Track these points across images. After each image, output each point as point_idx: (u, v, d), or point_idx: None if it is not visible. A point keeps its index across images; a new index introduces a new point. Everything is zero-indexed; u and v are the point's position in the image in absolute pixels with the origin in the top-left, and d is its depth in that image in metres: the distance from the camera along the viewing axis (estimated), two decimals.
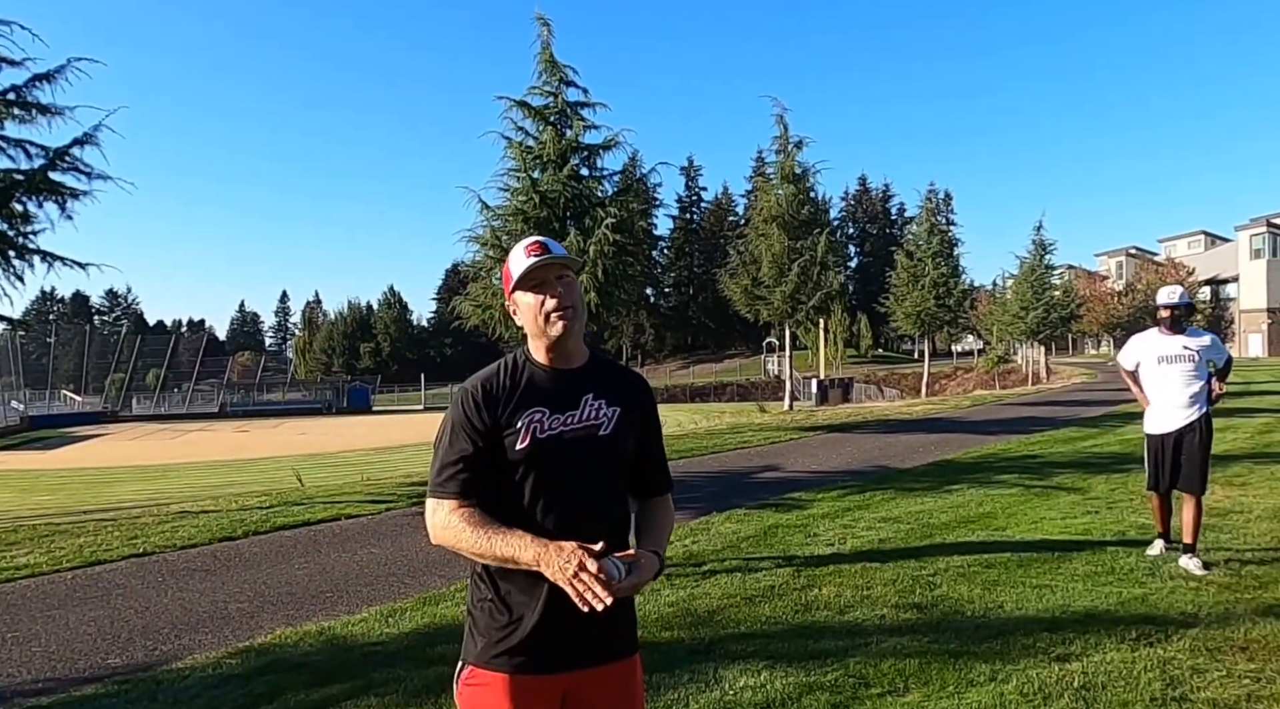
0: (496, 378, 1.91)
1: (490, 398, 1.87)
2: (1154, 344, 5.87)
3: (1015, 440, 14.22)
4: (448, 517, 1.82)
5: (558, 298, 1.87)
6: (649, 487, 2.06)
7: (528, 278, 1.88)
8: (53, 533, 8.58)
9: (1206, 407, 5.71)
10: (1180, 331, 5.79)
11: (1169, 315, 5.76)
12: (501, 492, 1.85)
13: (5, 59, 9.35)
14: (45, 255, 9.74)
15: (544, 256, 1.87)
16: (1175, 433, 5.72)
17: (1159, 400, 5.82)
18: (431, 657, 4.43)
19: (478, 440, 1.84)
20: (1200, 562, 5.53)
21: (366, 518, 9.01)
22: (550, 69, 13.91)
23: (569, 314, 1.88)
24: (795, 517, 8.03)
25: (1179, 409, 5.71)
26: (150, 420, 49.19)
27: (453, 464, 1.85)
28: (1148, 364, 5.89)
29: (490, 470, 1.85)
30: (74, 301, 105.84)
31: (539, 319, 1.88)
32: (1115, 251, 71.71)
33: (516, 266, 1.89)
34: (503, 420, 1.84)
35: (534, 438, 1.83)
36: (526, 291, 1.90)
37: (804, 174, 24.61)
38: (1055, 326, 39.32)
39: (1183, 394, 5.69)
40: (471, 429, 1.85)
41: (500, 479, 1.84)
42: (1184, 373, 5.70)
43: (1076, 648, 4.16)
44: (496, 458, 1.84)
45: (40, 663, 4.76)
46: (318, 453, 25.70)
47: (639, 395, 2.01)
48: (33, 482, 21.14)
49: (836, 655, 4.16)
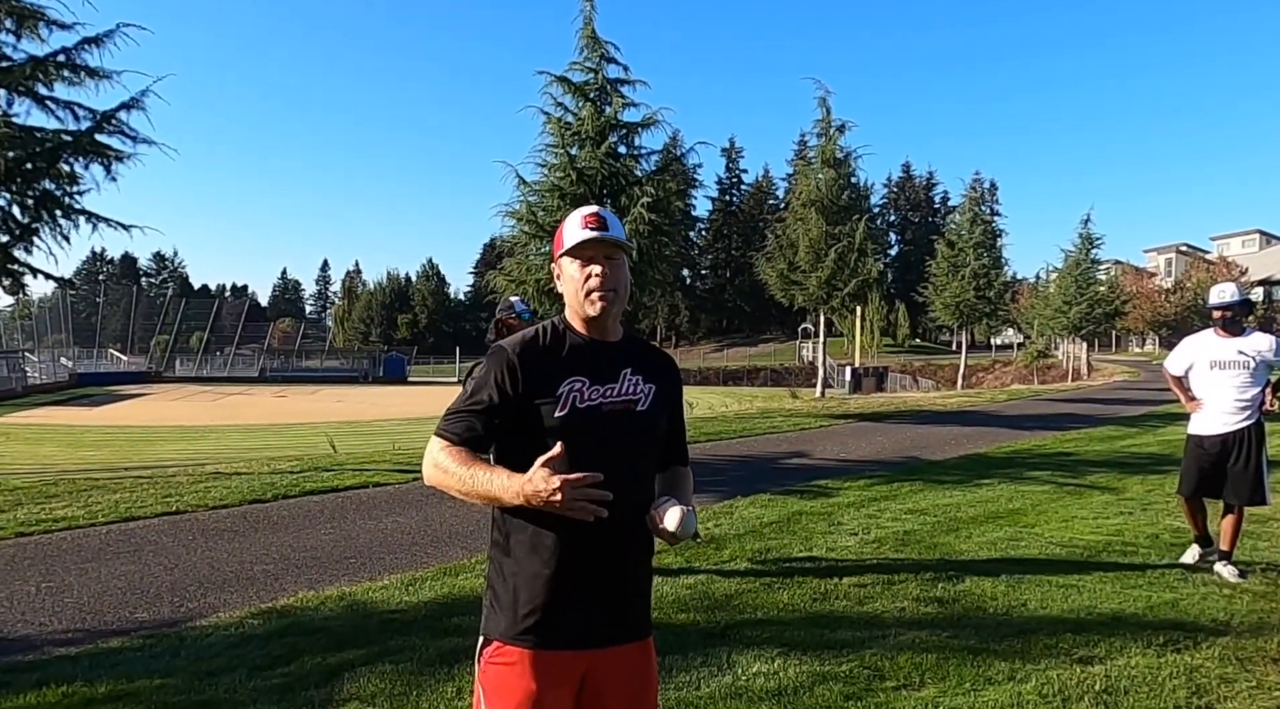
0: (536, 342, 1.87)
1: (529, 361, 1.83)
2: (1207, 347, 5.51)
3: (1050, 437, 13.97)
4: (434, 455, 1.80)
5: (602, 278, 1.85)
6: (670, 460, 2.09)
7: (577, 249, 1.86)
8: (91, 488, 8.81)
9: (1258, 414, 5.36)
10: (1237, 333, 5.41)
11: (1222, 316, 5.39)
12: (534, 456, 1.78)
13: (56, 22, 9.52)
14: (90, 216, 9.95)
15: (599, 233, 1.84)
16: (1220, 437, 5.41)
17: (1209, 404, 5.49)
18: (449, 627, 4.47)
19: (499, 399, 1.81)
20: (1236, 569, 5.35)
21: (394, 487, 9.11)
22: (591, 45, 13.82)
23: (610, 297, 1.85)
24: (820, 504, 7.97)
25: (1227, 414, 5.39)
26: (192, 382, 50.33)
27: (466, 410, 1.83)
28: (1199, 368, 5.54)
29: (523, 437, 1.81)
30: (123, 263, 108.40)
31: (580, 292, 1.86)
32: (1165, 248, 69.91)
33: (570, 235, 1.87)
34: (540, 386, 1.81)
35: (573, 407, 1.81)
36: (574, 260, 1.88)
37: (845, 159, 24.22)
38: (1099, 323, 38.47)
39: (1234, 401, 5.35)
40: (499, 387, 1.81)
41: (533, 446, 1.78)
42: (1237, 379, 5.35)
43: (1100, 650, 4.06)
44: (530, 424, 1.81)
45: (71, 614, 4.89)
46: (352, 420, 26.09)
47: (671, 376, 2.02)
48: (79, 437, 21.73)
49: (853, 646, 4.11)
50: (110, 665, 4.00)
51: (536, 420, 1.81)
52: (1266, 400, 5.36)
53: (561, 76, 13.86)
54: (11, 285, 10.20)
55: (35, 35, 9.48)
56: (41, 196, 9.60)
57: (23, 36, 9.48)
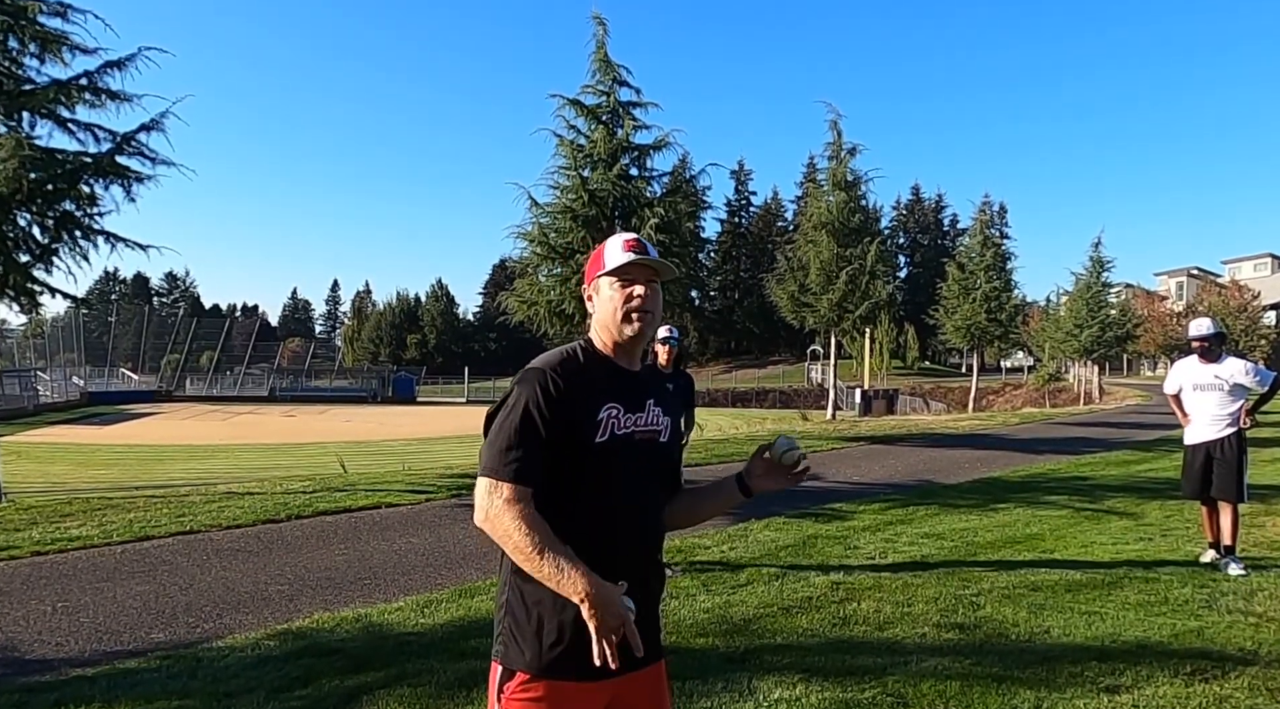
0: (573, 361, 1.85)
1: (569, 382, 1.80)
2: (1190, 372, 6.45)
3: (1065, 461, 13.85)
4: (503, 505, 1.71)
5: (643, 299, 1.85)
6: (677, 487, 2.10)
7: (619, 271, 1.86)
8: (105, 507, 8.82)
9: (1238, 427, 6.23)
10: (1213, 361, 6.29)
11: (1200, 347, 6.31)
12: (567, 479, 1.78)
13: (79, 47, 9.66)
14: (109, 236, 10.03)
15: (643, 256, 1.86)
16: (1206, 444, 6.30)
17: (1195, 419, 6.44)
18: (466, 650, 4.44)
19: (547, 426, 1.75)
20: (1242, 565, 6.00)
21: (407, 507, 9.09)
22: (604, 68, 13.95)
23: (647, 319, 1.86)
24: (835, 527, 7.91)
25: (1209, 426, 6.32)
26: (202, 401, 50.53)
27: (517, 447, 1.74)
28: (1186, 390, 6.49)
29: (557, 457, 1.77)
30: (135, 283, 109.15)
31: (618, 313, 1.85)
32: (1176, 271, 69.73)
33: (612, 257, 1.88)
34: (581, 408, 1.79)
35: (613, 433, 1.81)
36: (614, 281, 1.87)
37: (856, 181, 24.32)
38: (1110, 346, 38.27)
39: (1214, 416, 6.28)
40: (545, 412, 1.75)
41: (568, 466, 1.77)
42: (1216, 399, 6.27)
43: (1127, 679, 4.00)
44: (569, 444, 1.77)
45: (88, 633, 4.88)
46: (362, 440, 26.11)
47: (681, 406, 2.10)
48: (89, 455, 21.81)
49: (874, 673, 4.06)
50: (128, 686, 3.98)
51: (574, 442, 1.78)
52: (1242, 418, 6.23)
53: (574, 99, 13.98)
54: (27, 304, 10.27)
55: (59, 59, 9.62)
56: (61, 217, 9.69)
57: (46, 60, 9.63)
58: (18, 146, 8.81)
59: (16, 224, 9.53)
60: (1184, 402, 6.53)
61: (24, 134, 9.32)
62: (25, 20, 9.27)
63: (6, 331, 54.31)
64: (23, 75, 9.56)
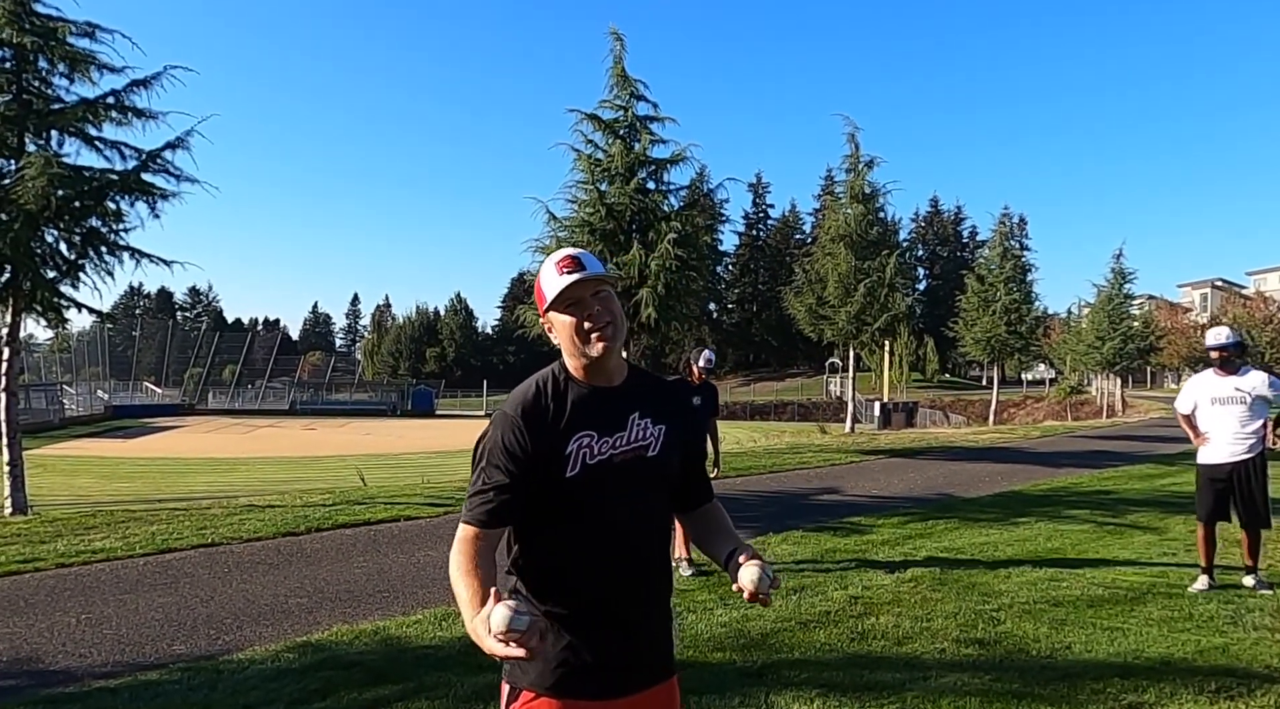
0: (539, 399, 1.79)
1: (533, 423, 1.76)
2: (1208, 385, 6.02)
3: (1087, 474, 13.70)
4: (455, 543, 1.76)
5: (594, 317, 1.77)
6: (698, 498, 2.03)
7: (563, 298, 1.78)
8: (128, 519, 8.92)
9: (1262, 447, 5.84)
10: (1233, 372, 5.91)
11: (1219, 357, 5.90)
12: (548, 512, 1.79)
13: (107, 66, 9.88)
14: (134, 252, 10.22)
15: (580, 274, 1.76)
16: (1228, 466, 5.88)
17: (1214, 437, 5.99)
18: (482, 664, 4.44)
19: (515, 468, 1.75)
20: (1265, 581, 5.84)
21: (425, 520, 9.13)
22: (621, 83, 14.06)
23: (609, 331, 1.77)
24: (854, 541, 7.86)
25: (1231, 445, 5.88)
26: (224, 414, 51.00)
27: (482, 492, 1.76)
28: (1203, 405, 6.05)
29: (531, 495, 1.77)
30: (159, 297, 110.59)
31: (574, 340, 1.78)
32: (1199, 283, 68.96)
33: (550, 286, 1.79)
34: (549, 446, 1.75)
35: (583, 464, 1.76)
36: (562, 312, 1.80)
37: (874, 194, 24.30)
38: (1132, 358, 37.88)
39: (1236, 433, 5.86)
40: (509, 457, 1.75)
41: (546, 500, 1.77)
42: (1237, 414, 5.85)
43: (1150, 697, 3.95)
44: (541, 482, 1.76)
45: (110, 645, 4.93)
46: (381, 453, 26.26)
47: (681, 409, 1.96)
48: (113, 468, 22.07)
49: (893, 688, 4.03)
50: (150, 697, 4.03)
51: (547, 478, 1.76)
52: (1268, 437, 5.86)
53: (592, 114, 14.10)
54: (54, 319, 10.45)
55: (87, 78, 9.84)
56: (88, 233, 9.88)
57: (75, 79, 9.85)
58: (46, 164, 9.00)
59: (44, 240, 9.72)
60: (1200, 418, 6.08)
61: (52, 152, 9.53)
62: (55, 41, 9.50)
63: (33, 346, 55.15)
64: (52, 94, 9.79)
